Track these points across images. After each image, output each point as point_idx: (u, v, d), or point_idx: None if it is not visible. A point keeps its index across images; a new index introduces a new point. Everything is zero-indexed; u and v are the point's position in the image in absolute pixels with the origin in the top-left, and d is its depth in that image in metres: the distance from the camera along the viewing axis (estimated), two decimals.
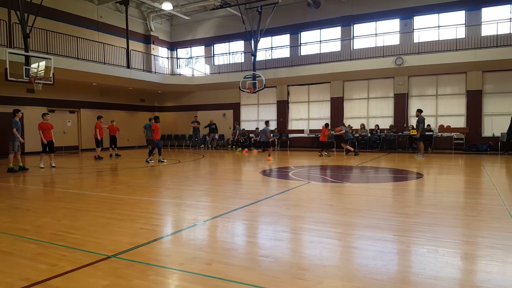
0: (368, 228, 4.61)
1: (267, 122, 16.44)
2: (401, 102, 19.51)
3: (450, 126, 18.50)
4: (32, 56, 14.93)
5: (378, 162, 13.24)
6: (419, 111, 14.85)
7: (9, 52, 14.07)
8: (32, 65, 14.91)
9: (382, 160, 14.13)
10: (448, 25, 18.66)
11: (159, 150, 14.13)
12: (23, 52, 14.67)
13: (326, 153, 16.28)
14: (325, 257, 3.63)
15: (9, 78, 13.95)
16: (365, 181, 9.43)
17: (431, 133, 18.08)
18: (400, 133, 18.91)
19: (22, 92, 18.37)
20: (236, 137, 22.00)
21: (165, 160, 14.17)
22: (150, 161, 13.70)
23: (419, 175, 9.68)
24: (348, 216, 5.31)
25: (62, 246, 4.00)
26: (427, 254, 3.63)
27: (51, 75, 15.33)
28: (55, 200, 6.88)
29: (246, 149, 20.36)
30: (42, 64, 15.24)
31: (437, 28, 18.87)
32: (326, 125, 16.65)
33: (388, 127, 19.61)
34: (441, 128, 18.61)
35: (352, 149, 16.79)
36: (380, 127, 19.66)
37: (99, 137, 15.62)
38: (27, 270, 3.32)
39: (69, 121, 21.23)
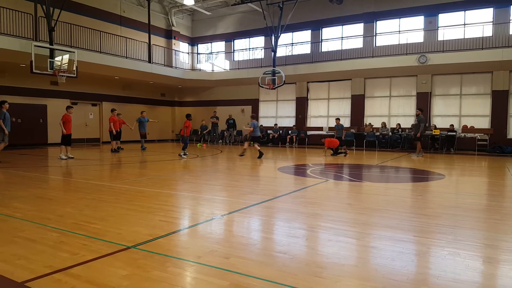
0: (388, 228, 4.55)
1: (337, 119, 16.72)
2: (424, 101, 19.13)
3: (473, 127, 18.08)
4: (56, 49, 15.28)
5: (399, 162, 13.04)
6: (420, 110, 14.74)
7: (35, 45, 14.42)
8: (56, 58, 15.26)
9: (403, 159, 13.91)
10: (474, 23, 18.18)
11: (185, 145, 14.18)
12: (48, 45, 15.01)
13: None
14: (343, 256, 3.59)
15: (34, 70, 14.32)
16: (385, 181, 9.30)
17: (454, 133, 17.71)
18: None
19: (46, 84, 18.81)
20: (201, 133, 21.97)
21: (185, 156, 14.20)
22: (183, 156, 13.80)
23: (441, 176, 9.50)
24: (367, 215, 5.25)
25: (83, 235, 4.08)
26: (448, 257, 3.56)
27: (74, 68, 15.66)
28: (76, 190, 7.03)
29: (205, 144, 20.67)
30: (66, 57, 15.58)
31: (463, 26, 18.40)
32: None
33: (410, 126, 19.27)
34: (465, 128, 18.20)
35: (258, 147, 13.82)
36: (401, 126, 19.32)
37: (114, 130, 15.75)
38: (50, 258, 3.40)
39: (91, 114, 21.62)
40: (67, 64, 15.54)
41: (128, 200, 6.03)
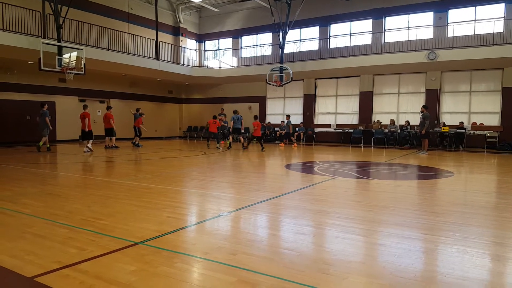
0: (395, 225, 4.52)
1: (288, 116, 17.39)
2: (433, 98, 18.97)
3: (483, 124, 17.88)
4: (64, 47, 15.36)
5: (407, 159, 12.96)
6: (425, 107, 14.86)
7: (43, 43, 14.52)
8: (64, 55, 15.35)
9: (411, 157, 13.82)
10: (485, 19, 17.93)
11: (218, 139, 17.45)
12: (56, 43, 15.10)
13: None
14: (350, 253, 3.58)
15: (42, 67, 14.42)
16: (393, 178, 9.25)
17: (463, 130, 17.54)
18: (431, 130, 18.38)
19: (54, 81, 18.96)
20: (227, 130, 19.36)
21: (221, 148, 17.03)
22: (219, 148, 16.67)
23: (450, 174, 9.42)
24: (375, 212, 5.22)
25: (91, 231, 4.11)
26: (456, 254, 3.53)
27: (82, 65, 15.74)
28: (85, 187, 7.09)
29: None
30: (74, 54, 15.66)
31: (473, 22, 18.17)
32: (256, 117, 17.57)
33: (419, 123, 19.12)
34: (474, 125, 18.01)
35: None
36: (410, 123, 19.17)
37: (114, 127, 16.11)
38: (58, 253, 3.43)
39: (99, 111, 21.73)
40: (75, 61, 15.62)
41: (136, 197, 6.06)
